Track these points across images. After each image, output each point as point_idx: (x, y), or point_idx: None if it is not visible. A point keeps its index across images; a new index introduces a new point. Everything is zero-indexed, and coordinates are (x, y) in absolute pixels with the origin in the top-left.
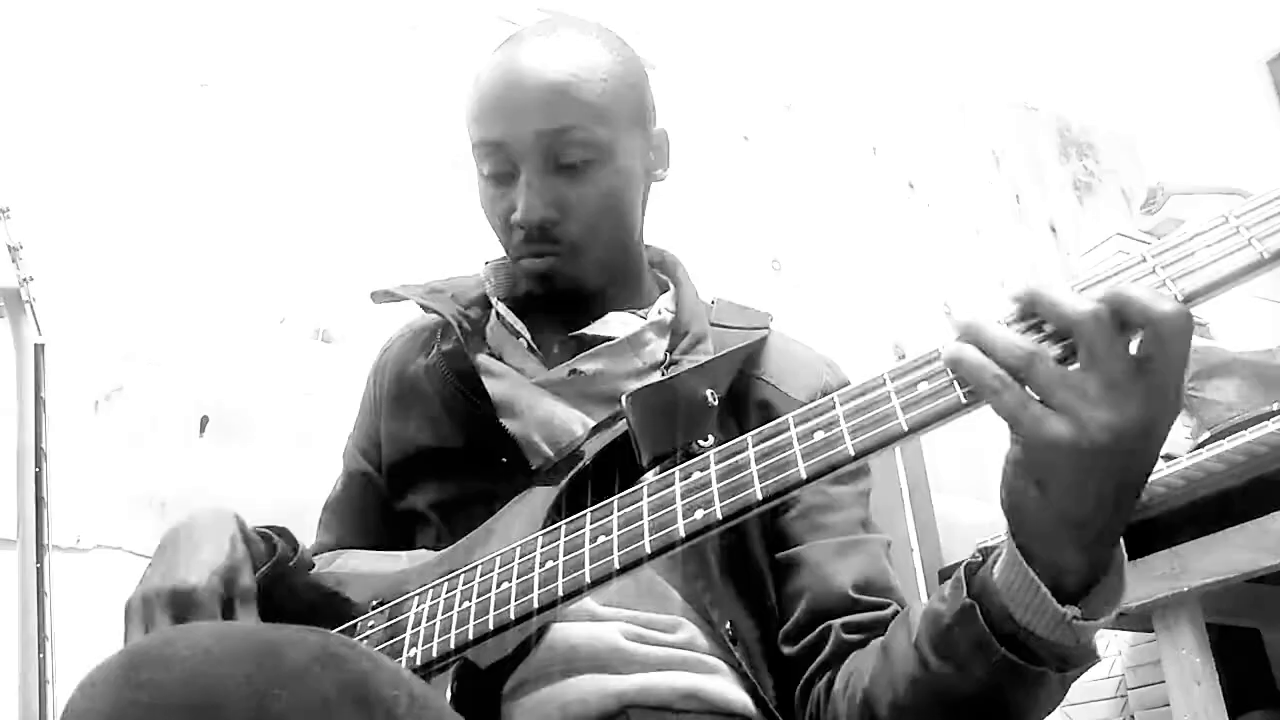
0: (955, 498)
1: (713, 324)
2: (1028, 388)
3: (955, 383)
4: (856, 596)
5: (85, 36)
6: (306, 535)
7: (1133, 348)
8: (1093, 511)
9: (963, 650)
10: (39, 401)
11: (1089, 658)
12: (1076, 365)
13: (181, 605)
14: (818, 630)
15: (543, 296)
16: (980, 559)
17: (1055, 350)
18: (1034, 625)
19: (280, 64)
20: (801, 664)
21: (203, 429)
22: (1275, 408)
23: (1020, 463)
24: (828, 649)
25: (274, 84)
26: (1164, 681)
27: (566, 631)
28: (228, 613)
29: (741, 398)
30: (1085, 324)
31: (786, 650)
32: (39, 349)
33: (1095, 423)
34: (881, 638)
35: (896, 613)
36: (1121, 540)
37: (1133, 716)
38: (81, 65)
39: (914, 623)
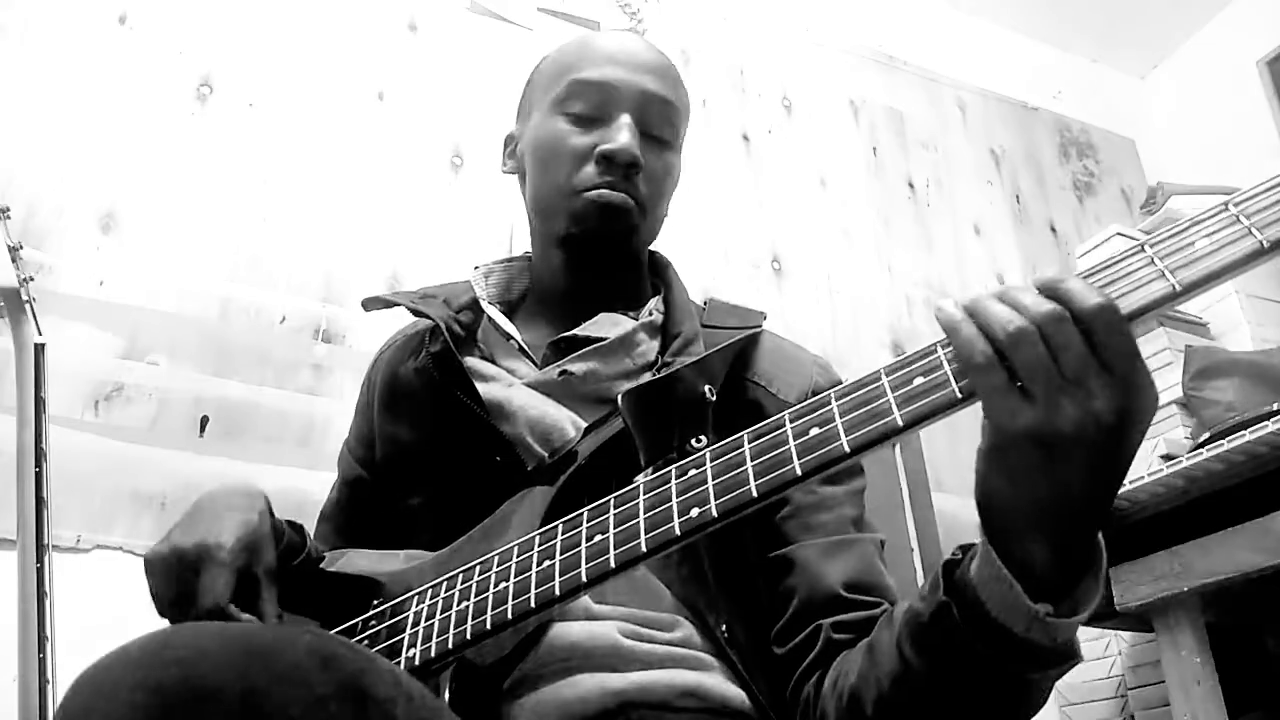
0: (955, 498)
1: (704, 325)
2: (1010, 368)
3: (951, 377)
4: (847, 596)
5: (85, 36)
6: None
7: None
8: (1061, 504)
9: (940, 649)
10: (39, 401)
11: (1070, 657)
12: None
13: (206, 562)
14: (807, 630)
15: (595, 235)
16: (959, 556)
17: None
18: (1009, 622)
19: (281, 64)
20: (792, 664)
21: (203, 429)
22: (1275, 408)
23: (990, 452)
24: (817, 649)
25: (274, 84)
26: (1164, 681)
27: (565, 630)
28: (249, 584)
29: (733, 399)
30: (1041, 319)
31: (778, 650)
32: (39, 349)
33: (1063, 413)
34: (869, 636)
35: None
36: (1100, 539)
37: (1133, 716)
38: (81, 65)
39: (897, 620)
